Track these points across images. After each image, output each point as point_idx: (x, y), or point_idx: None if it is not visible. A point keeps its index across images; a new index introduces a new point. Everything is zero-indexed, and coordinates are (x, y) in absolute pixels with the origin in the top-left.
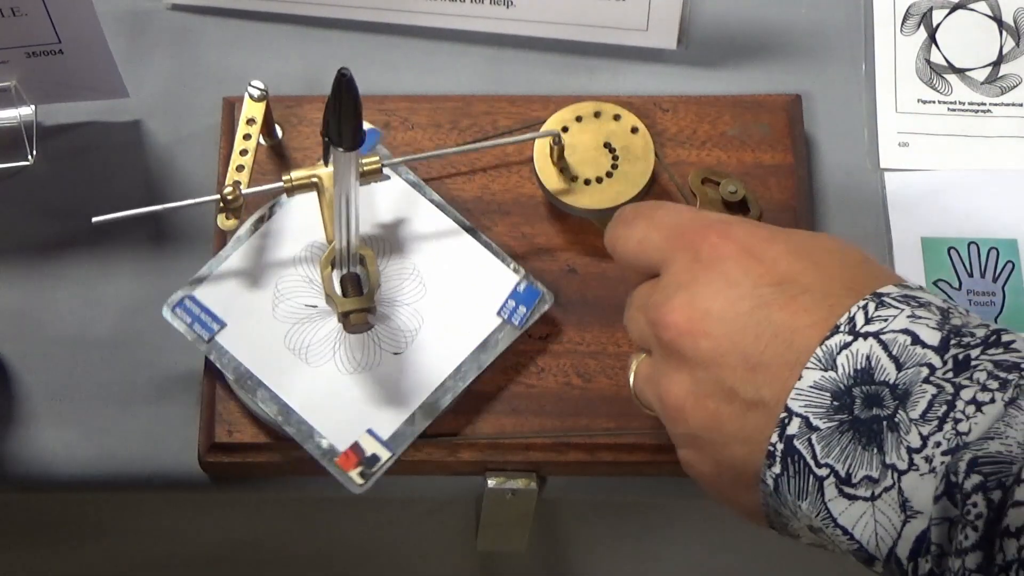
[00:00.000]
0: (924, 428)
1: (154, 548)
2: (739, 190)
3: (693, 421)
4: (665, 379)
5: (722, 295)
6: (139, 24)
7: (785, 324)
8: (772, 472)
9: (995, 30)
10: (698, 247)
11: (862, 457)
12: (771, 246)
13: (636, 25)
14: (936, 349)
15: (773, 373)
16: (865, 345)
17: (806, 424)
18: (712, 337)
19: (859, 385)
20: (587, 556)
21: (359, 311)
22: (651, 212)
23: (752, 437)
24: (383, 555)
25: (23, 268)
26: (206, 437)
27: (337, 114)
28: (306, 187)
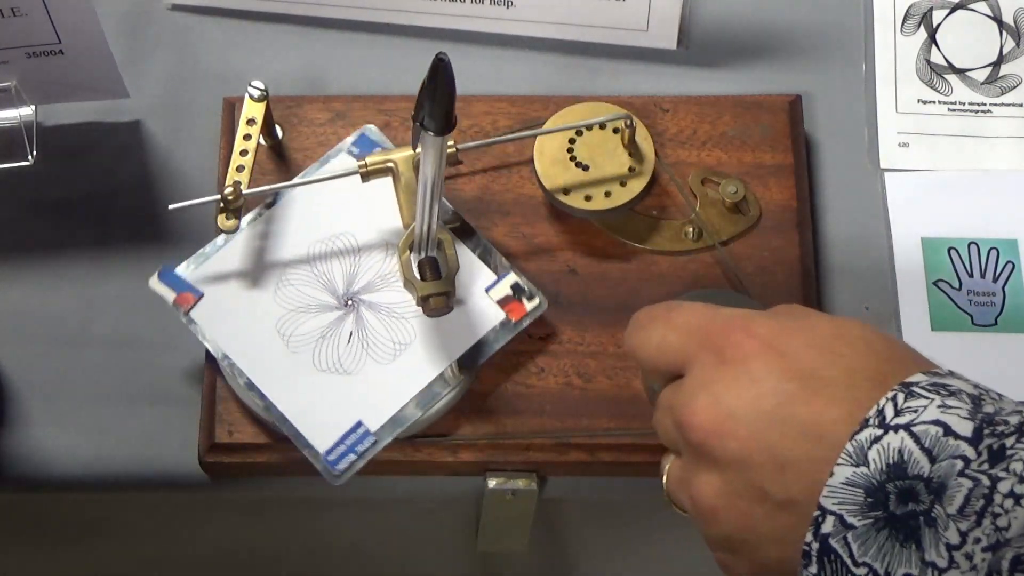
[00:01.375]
0: (962, 524)
1: (154, 548)
2: (739, 190)
3: (726, 523)
4: (696, 481)
5: (746, 394)
6: (139, 24)
7: (811, 420)
8: (809, 572)
9: (995, 30)
10: (721, 346)
11: (900, 555)
12: (793, 340)
13: (636, 25)
14: (969, 440)
15: (803, 471)
16: (896, 438)
17: (840, 522)
18: (738, 437)
19: (893, 480)
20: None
21: (439, 295)
22: (666, 314)
23: (786, 537)
24: (383, 555)
25: (23, 268)
26: (206, 437)
27: (432, 98)
28: (382, 172)
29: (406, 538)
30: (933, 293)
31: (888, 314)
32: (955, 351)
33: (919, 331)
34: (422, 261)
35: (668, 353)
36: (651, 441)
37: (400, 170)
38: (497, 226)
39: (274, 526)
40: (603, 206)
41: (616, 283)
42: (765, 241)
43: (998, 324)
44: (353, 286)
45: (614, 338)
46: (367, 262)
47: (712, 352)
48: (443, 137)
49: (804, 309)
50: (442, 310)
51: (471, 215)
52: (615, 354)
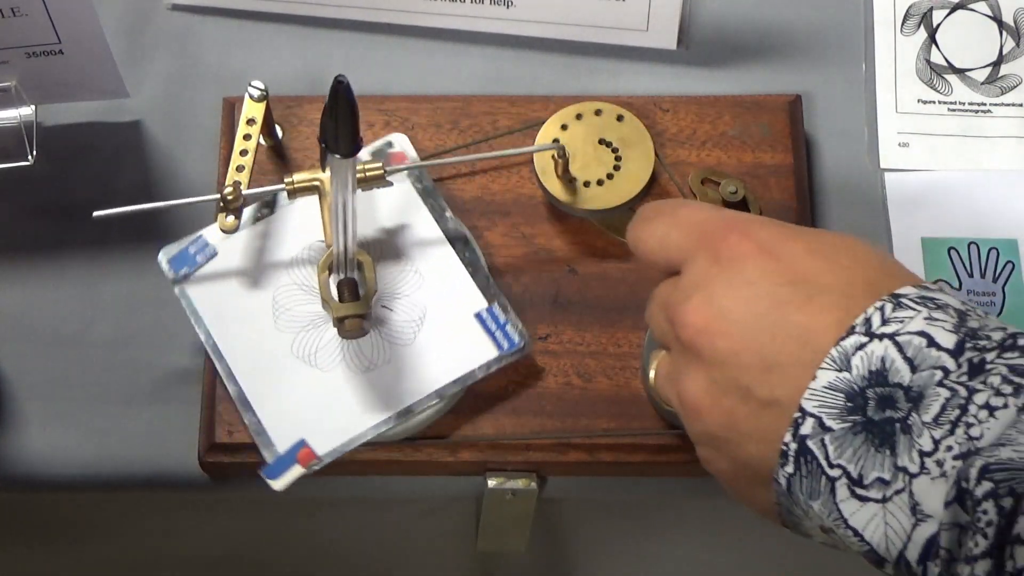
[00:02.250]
0: (936, 432)
1: (154, 548)
2: (739, 190)
3: (710, 419)
4: (683, 377)
5: (740, 295)
6: (139, 24)
7: (802, 324)
8: (785, 472)
9: (995, 30)
10: (718, 246)
11: (874, 459)
12: (790, 244)
13: (636, 25)
14: (951, 352)
15: (788, 373)
16: (880, 346)
17: (819, 424)
18: (729, 337)
19: (873, 387)
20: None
21: (354, 316)
22: (673, 210)
23: (767, 436)
24: (383, 555)
25: (23, 268)
26: (206, 437)
27: (334, 120)
28: (308, 190)
29: (406, 538)
30: None
31: None
32: None
33: None
34: (341, 282)
35: (669, 249)
36: (651, 441)
37: (326, 189)
38: (497, 226)
39: (274, 526)
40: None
41: (616, 283)
42: None
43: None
44: None
45: (614, 338)
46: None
47: (710, 251)
48: (351, 159)
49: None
50: (357, 333)
51: (471, 215)
52: (615, 354)
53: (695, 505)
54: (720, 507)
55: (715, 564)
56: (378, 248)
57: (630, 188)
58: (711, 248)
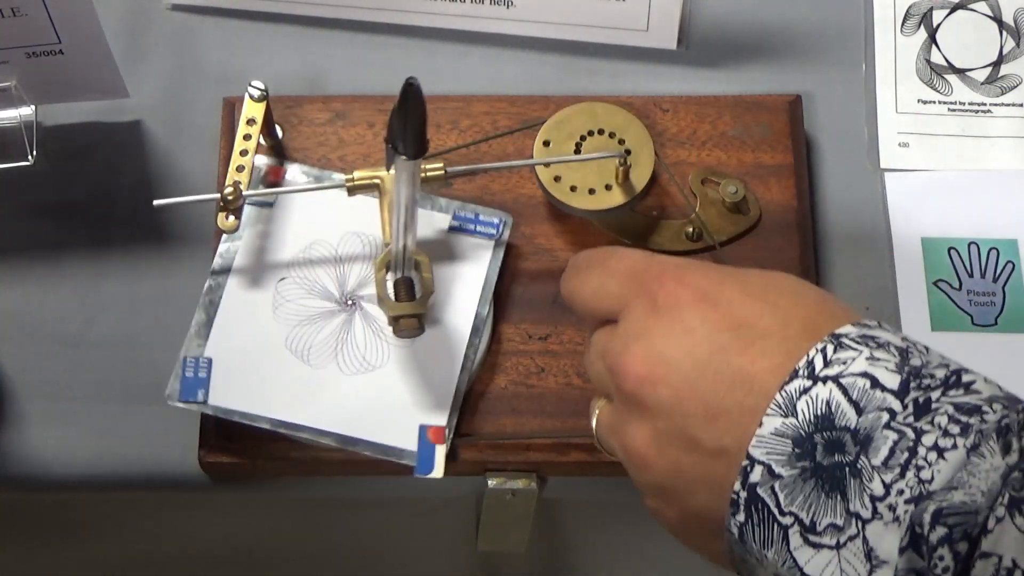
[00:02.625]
0: (887, 476)
1: (154, 548)
2: (739, 190)
3: (656, 470)
4: (627, 428)
5: (680, 342)
6: (139, 24)
7: (743, 369)
8: (736, 520)
9: (995, 30)
10: (655, 294)
11: (826, 505)
12: (727, 289)
13: (636, 25)
14: (895, 393)
15: (734, 420)
16: (825, 390)
17: (768, 472)
18: (671, 385)
19: (820, 431)
20: (587, 556)
21: (410, 316)
22: (604, 259)
23: (716, 485)
24: (383, 555)
25: (23, 268)
26: (206, 437)
27: (403, 122)
28: (368, 188)
29: (406, 538)
30: (933, 293)
31: (888, 314)
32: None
33: (919, 331)
34: (397, 281)
35: (604, 299)
36: None
37: (386, 187)
38: None
39: (274, 526)
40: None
41: None
42: (765, 241)
43: (998, 324)
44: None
45: None
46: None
47: (647, 299)
48: (416, 161)
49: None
50: (412, 332)
51: None
52: None
53: None
54: None
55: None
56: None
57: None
58: (648, 296)
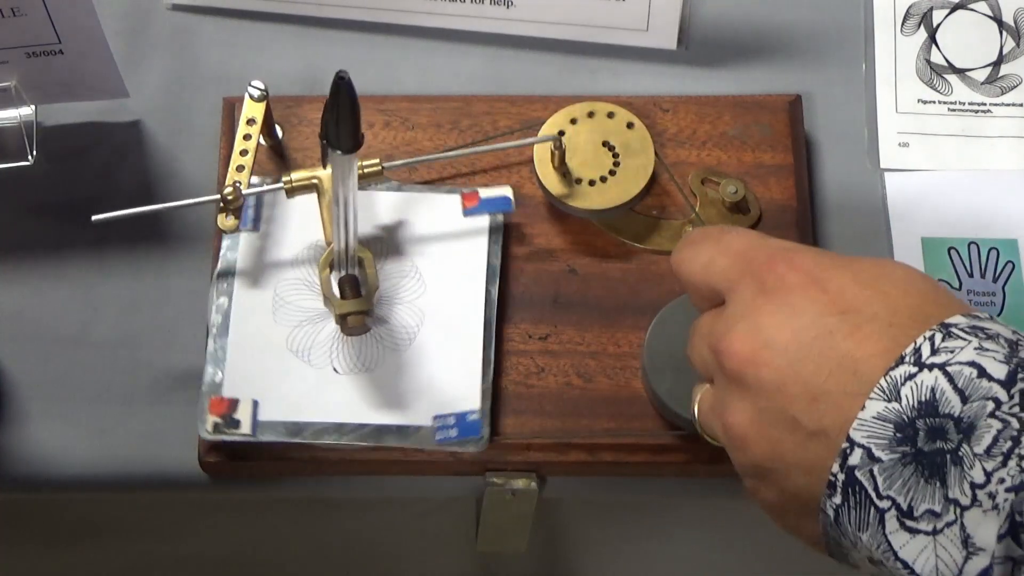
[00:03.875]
0: (988, 464)
1: (154, 548)
2: (739, 190)
3: (756, 450)
4: (728, 409)
5: (786, 325)
6: (139, 24)
7: (849, 354)
8: (833, 502)
9: (995, 30)
10: (764, 276)
11: (924, 490)
12: (837, 274)
13: (636, 25)
14: (1003, 383)
15: (835, 403)
16: (930, 377)
17: (868, 455)
18: (774, 367)
19: (923, 417)
20: (587, 556)
21: (356, 313)
22: (719, 236)
23: (814, 467)
24: (383, 555)
25: (23, 268)
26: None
27: (335, 116)
28: (306, 188)
29: (406, 538)
30: None
31: None
32: None
33: None
34: (342, 279)
35: (713, 275)
36: (651, 441)
37: (324, 187)
38: None
39: (274, 526)
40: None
41: (616, 283)
42: None
43: None
44: None
45: (614, 338)
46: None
47: (755, 281)
48: (352, 155)
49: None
50: (360, 329)
51: None
52: (615, 354)
53: (695, 505)
54: (720, 507)
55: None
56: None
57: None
58: (757, 277)
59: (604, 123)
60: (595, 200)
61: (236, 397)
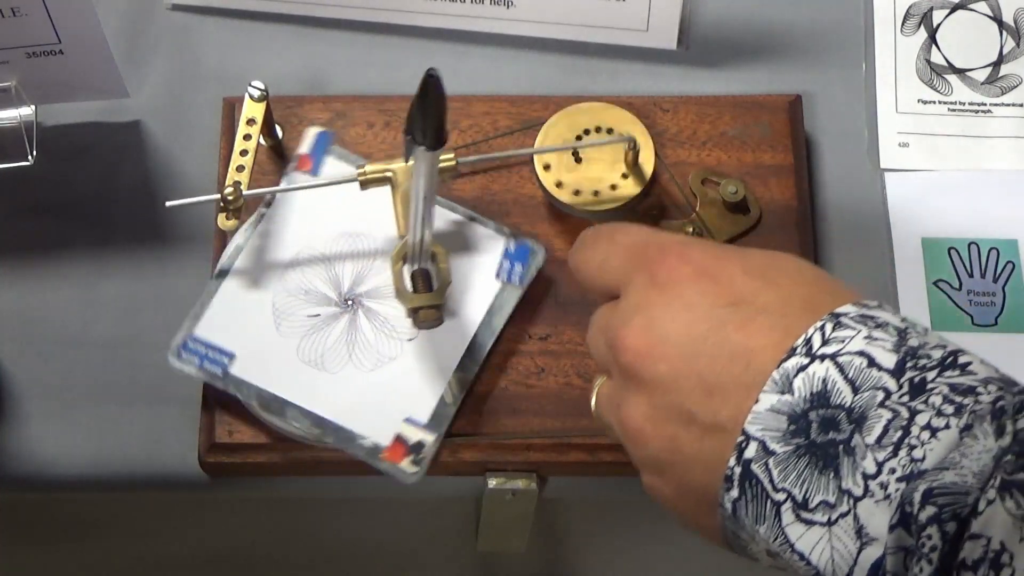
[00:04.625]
0: (879, 454)
1: (154, 548)
2: (739, 190)
3: (653, 445)
4: (625, 403)
5: (679, 318)
6: (139, 24)
7: (741, 345)
8: (730, 496)
9: (995, 30)
10: (655, 269)
11: (819, 482)
12: (728, 265)
13: (636, 25)
14: (892, 372)
15: (730, 396)
16: (822, 368)
17: (763, 448)
18: (669, 360)
19: (815, 409)
20: (587, 556)
21: (429, 308)
22: (611, 234)
23: (711, 461)
24: (383, 555)
25: (23, 268)
26: (206, 437)
27: (423, 113)
28: (380, 181)
29: (406, 538)
30: (933, 293)
31: None
32: None
33: None
34: (414, 273)
35: (608, 273)
36: None
37: (398, 180)
38: None
39: (274, 526)
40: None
41: None
42: (765, 241)
43: (998, 324)
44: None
45: None
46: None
47: (648, 274)
48: (435, 152)
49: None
50: (432, 323)
51: None
52: None
53: None
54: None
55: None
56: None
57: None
58: (649, 271)
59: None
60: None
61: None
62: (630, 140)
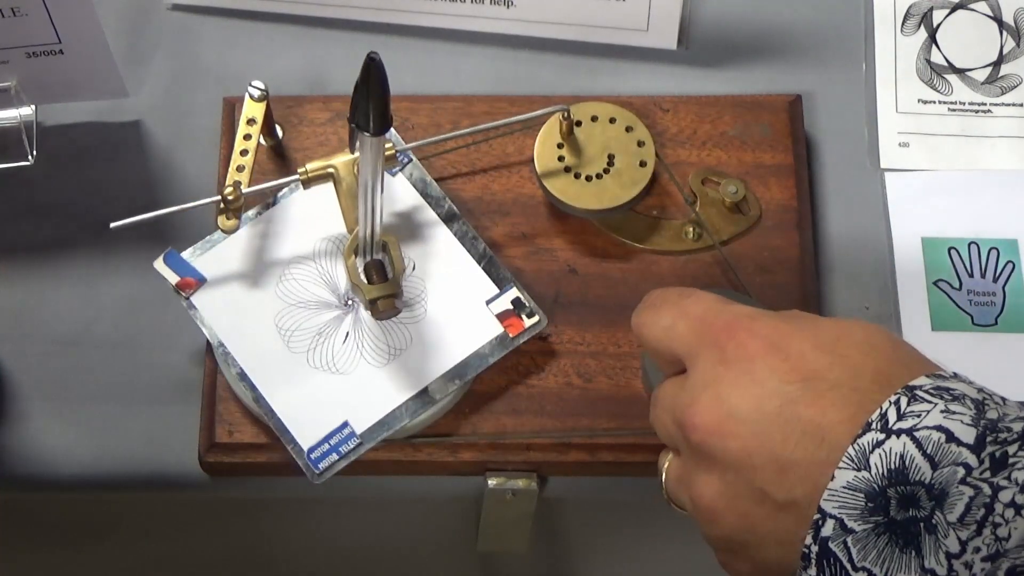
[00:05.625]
0: (962, 532)
1: (154, 548)
2: (739, 190)
3: (726, 524)
4: (696, 481)
5: (749, 395)
6: (139, 24)
7: (814, 421)
8: (808, 574)
9: (995, 30)
10: (724, 345)
11: (900, 560)
12: (797, 340)
13: (636, 25)
14: (971, 447)
15: (804, 472)
16: (899, 443)
17: (841, 526)
18: (740, 438)
19: (894, 485)
20: (587, 556)
21: (386, 297)
22: (679, 300)
23: (786, 539)
24: (383, 555)
25: (23, 268)
26: (206, 437)
27: (366, 98)
28: (322, 178)
29: (406, 538)
30: (933, 293)
31: (888, 314)
32: (955, 351)
33: (919, 331)
34: (368, 264)
35: (675, 340)
36: (651, 441)
37: (341, 175)
38: (497, 226)
39: (274, 526)
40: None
41: (616, 283)
42: (765, 241)
43: (998, 324)
44: None
45: (614, 338)
46: None
47: (716, 349)
48: (380, 138)
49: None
50: (390, 312)
51: (471, 215)
52: (615, 354)
53: None
54: None
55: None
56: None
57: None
58: (718, 346)
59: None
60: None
61: None
62: (564, 109)
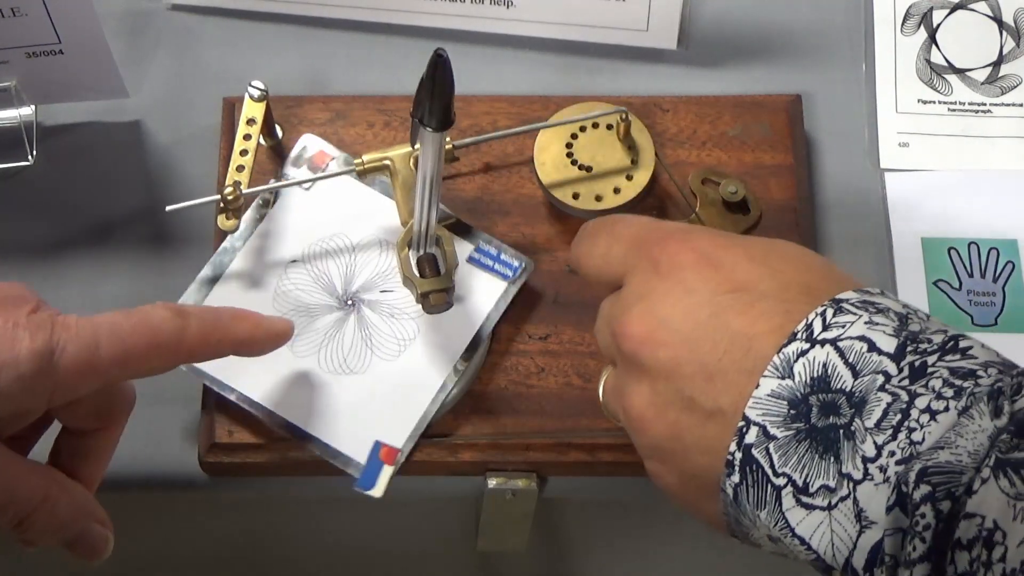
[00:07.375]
0: (879, 437)
1: (154, 548)
2: (739, 190)
3: (655, 432)
4: (628, 390)
5: (680, 304)
6: (139, 24)
7: (742, 331)
8: (731, 481)
9: (995, 30)
10: (658, 257)
11: (819, 466)
12: (729, 252)
13: (636, 25)
14: (892, 356)
15: (731, 381)
16: (822, 352)
17: (763, 432)
18: (670, 346)
19: (816, 393)
20: (587, 556)
21: (438, 291)
22: (612, 225)
23: (712, 446)
24: (383, 555)
25: (23, 268)
26: (206, 437)
27: (430, 94)
28: (378, 170)
29: (406, 538)
30: (933, 293)
31: None
32: None
33: None
34: (421, 258)
35: (612, 264)
36: None
37: (397, 167)
38: (497, 226)
39: (274, 526)
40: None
41: None
42: None
43: (998, 324)
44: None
45: None
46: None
47: (650, 262)
48: (442, 133)
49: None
50: (442, 307)
51: (471, 215)
52: None
53: None
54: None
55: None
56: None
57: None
58: (651, 259)
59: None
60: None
61: None
62: (622, 111)
